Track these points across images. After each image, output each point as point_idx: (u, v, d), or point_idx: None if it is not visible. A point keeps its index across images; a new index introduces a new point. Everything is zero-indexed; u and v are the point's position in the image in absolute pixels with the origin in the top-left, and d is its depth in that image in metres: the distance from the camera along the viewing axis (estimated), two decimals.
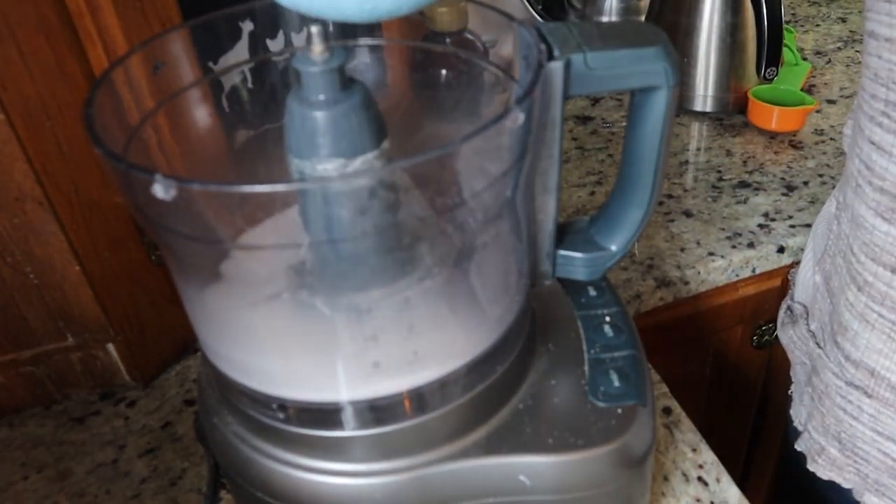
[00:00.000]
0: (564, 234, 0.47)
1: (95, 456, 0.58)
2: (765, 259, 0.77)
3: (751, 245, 0.76)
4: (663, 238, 0.78)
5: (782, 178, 0.86)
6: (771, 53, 0.94)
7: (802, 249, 0.78)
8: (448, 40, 0.62)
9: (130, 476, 0.56)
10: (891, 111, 0.45)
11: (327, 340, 0.34)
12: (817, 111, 1.00)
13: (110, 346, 0.61)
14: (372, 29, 0.47)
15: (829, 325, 0.56)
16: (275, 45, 0.46)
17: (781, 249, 0.77)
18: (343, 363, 0.34)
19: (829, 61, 1.13)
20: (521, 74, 0.39)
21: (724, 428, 0.99)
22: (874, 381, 0.52)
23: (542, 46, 0.36)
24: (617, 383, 0.41)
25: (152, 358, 0.63)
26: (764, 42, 0.94)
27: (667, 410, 0.58)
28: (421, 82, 0.47)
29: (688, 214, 0.81)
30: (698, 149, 0.93)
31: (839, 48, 1.17)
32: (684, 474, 0.53)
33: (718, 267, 0.75)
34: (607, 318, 0.46)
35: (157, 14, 0.53)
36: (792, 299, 0.66)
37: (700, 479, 0.53)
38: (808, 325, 0.61)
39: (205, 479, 0.55)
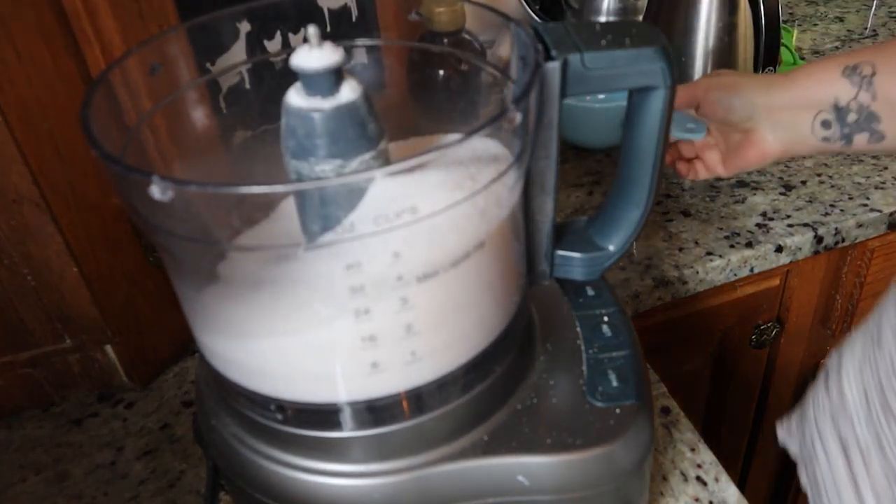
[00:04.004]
0: (562, 235, 0.47)
1: (94, 457, 0.58)
2: (763, 258, 0.77)
3: (749, 244, 0.76)
4: (661, 238, 0.78)
5: (780, 178, 0.86)
6: (768, 53, 0.94)
7: (801, 248, 0.78)
8: (446, 41, 0.62)
9: (129, 478, 0.56)
10: None
11: (325, 341, 0.34)
12: None
13: (108, 348, 0.61)
14: (370, 29, 0.47)
15: None
16: (272, 45, 0.46)
17: (779, 249, 0.77)
18: (341, 364, 0.34)
19: None
20: (518, 75, 0.39)
21: (722, 428, 0.99)
22: None
23: (539, 47, 0.36)
24: (615, 383, 0.41)
25: (150, 359, 0.63)
26: (761, 41, 0.94)
27: (665, 410, 0.58)
28: (419, 83, 0.47)
29: (686, 214, 0.81)
30: None
31: (837, 47, 1.17)
32: (683, 474, 0.53)
33: (717, 266, 0.75)
34: (605, 318, 0.46)
35: (154, 15, 0.53)
36: None
37: (699, 478, 0.53)
38: None
39: (203, 480, 0.55)
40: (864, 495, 0.53)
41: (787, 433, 0.66)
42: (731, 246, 0.76)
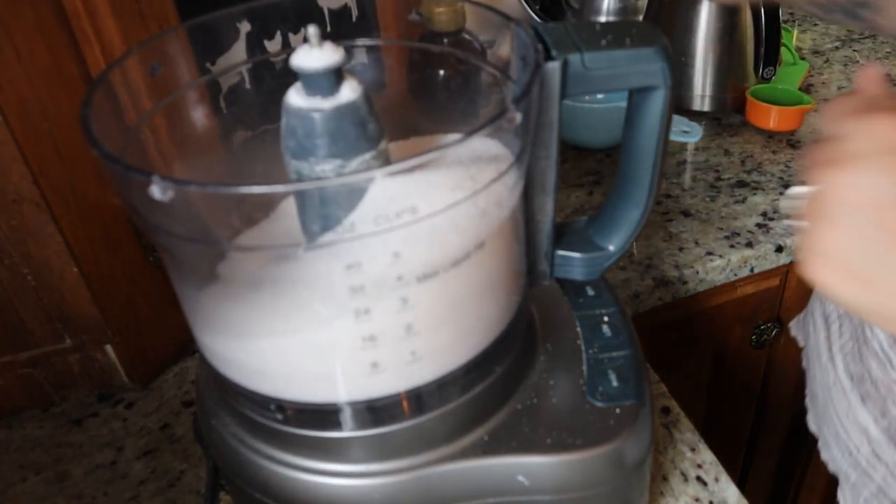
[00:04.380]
0: (562, 235, 0.48)
1: (94, 457, 0.58)
2: (763, 258, 0.77)
3: (749, 245, 0.76)
4: (662, 238, 0.78)
5: (780, 178, 0.86)
6: (769, 53, 0.94)
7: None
8: (446, 41, 0.62)
9: (129, 478, 0.56)
10: None
11: (325, 341, 0.34)
12: (815, 110, 1.00)
13: (108, 348, 0.61)
14: (370, 29, 0.47)
15: None
16: (272, 45, 0.46)
17: (780, 249, 0.77)
18: (341, 364, 0.34)
19: (827, 60, 1.13)
20: (518, 75, 0.39)
21: (723, 428, 0.99)
22: None
23: (540, 47, 0.36)
24: (615, 383, 0.41)
25: (150, 359, 0.63)
26: (762, 41, 0.94)
27: (665, 410, 0.58)
28: (419, 83, 0.47)
29: (686, 214, 0.81)
30: (696, 148, 0.93)
31: (837, 47, 1.17)
32: (683, 474, 0.53)
33: (717, 266, 0.75)
34: (605, 318, 0.46)
35: (154, 15, 0.53)
36: None
37: (699, 478, 0.53)
38: None
39: (203, 480, 0.55)
40: (835, 355, 0.60)
41: (797, 328, 0.73)
42: (732, 246, 0.76)
